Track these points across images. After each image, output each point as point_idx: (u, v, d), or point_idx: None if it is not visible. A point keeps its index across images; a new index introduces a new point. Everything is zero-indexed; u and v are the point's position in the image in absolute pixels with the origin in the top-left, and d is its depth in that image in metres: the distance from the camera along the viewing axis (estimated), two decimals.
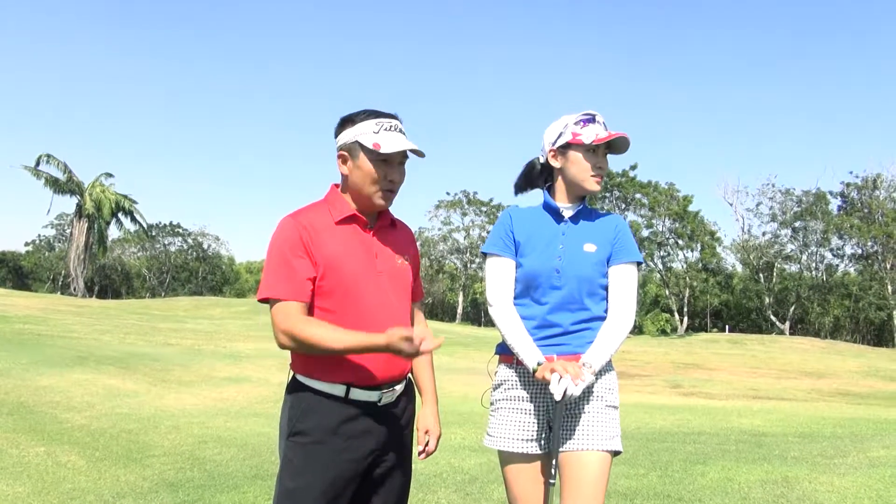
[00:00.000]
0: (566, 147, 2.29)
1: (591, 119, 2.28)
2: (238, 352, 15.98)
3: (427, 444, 2.24)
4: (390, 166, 2.04)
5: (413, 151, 2.04)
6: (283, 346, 1.96)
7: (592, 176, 2.28)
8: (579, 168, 2.28)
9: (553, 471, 2.06)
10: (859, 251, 50.10)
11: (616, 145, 2.31)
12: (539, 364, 2.12)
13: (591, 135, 2.25)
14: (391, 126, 2.03)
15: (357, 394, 1.99)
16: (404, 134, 2.07)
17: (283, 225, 2.02)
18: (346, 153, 2.06)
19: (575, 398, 2.08)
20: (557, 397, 2.03)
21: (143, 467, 5.40)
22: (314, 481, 1.93)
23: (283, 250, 1.98)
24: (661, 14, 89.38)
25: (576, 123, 2.29)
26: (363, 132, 2.02)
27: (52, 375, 9.85)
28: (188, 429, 7.09)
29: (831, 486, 4.86)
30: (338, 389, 1.98)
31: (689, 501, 4.59)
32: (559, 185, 2.34)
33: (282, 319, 1.94)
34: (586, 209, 2.36)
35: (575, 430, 2.18)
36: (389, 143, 2.00)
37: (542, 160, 2.40)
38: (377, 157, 2.02)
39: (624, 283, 2.27)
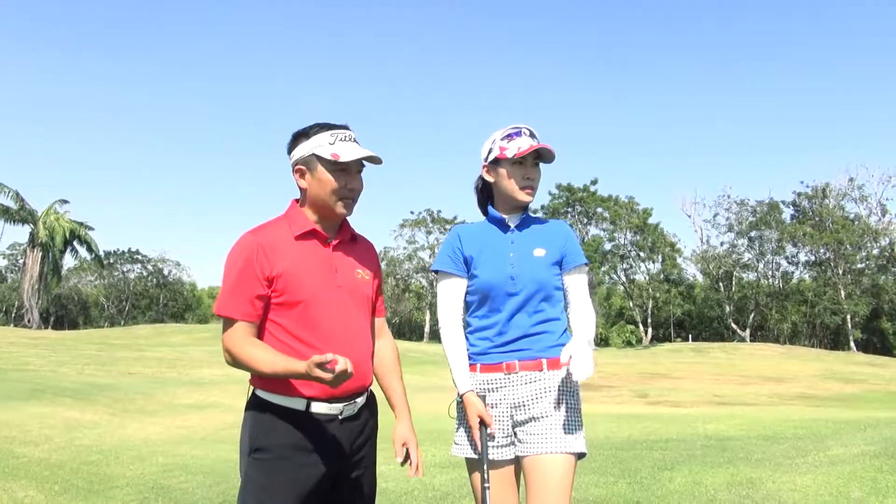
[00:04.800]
0: (496, 162, 2.38)
1: (518, 133, 2.36)
2: (202, 378, 15.66)
3: (409, 456, 2.22)
4: (349, 175, 2.08)
5: (370, 158, 2.08)
6: (226, 362, 2.02)
7: (522, 188, 2.35)
8: (509, 181, 2.36)
9: (486, 475, 2.20)
10: (813, 258, 51.76)
11: (544, 155, 2.37)
12: (463, 395, 2.27)
13: (514, 148, 2.32)
14: (345, 136, 2.08)
15: (318, 407, 1.99)
16: (358, 143, 2.11)
17: (241, 242, 2.04)
18: (303, 167, 2.08)
19: (581, 379, 2.18)
20: (579, 376, 2.14)
21: (105, 499, 5.24)
22: (277, 498, 1.91)
23: (236, 268, 2.01)
24: (616, 31, 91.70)
25: (503, 139, 2.37)
26: (319, 144, 2.05)
27: (7, 410, 9.50)
28: (152, 458, 6.91)
29: (794, 484, 4.99)
30: (298, 403, 1.98)
31: None
32: (497, 198, 2.43)
33: (226, 337, 2.00)
34: (530, 217, 2.46)
35: (537, 434, 2.22)
36: (347, 151, 2.04)
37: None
38: (336, 167, 2.05)
39: (581, 286, 2.40)
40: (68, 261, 51.21)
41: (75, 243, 46.75)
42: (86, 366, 17.19)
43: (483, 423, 2.22)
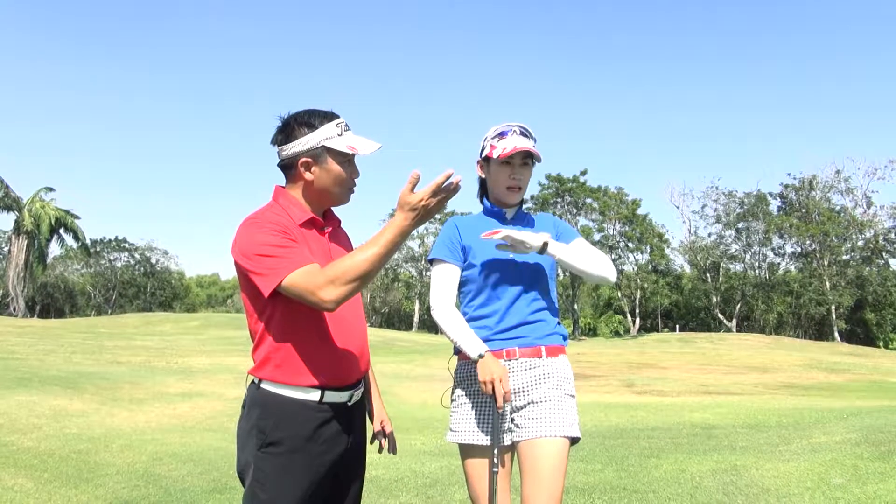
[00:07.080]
0: (487, 160, 2.42)
1: (508, 131, 2.38)
2: (190, 367, 15.62)
3: (384, 431, 2.27)
4: (352, 165, 2.07)
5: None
6: (334, 300, 1.80)
7: (508, 188, 2.39)
8: (496, 179, 2.41)
9: (496, 459, 2.19)
10: (799, 249, 52.21)
11: (533, 155, 2.37)
12: (481, 355, 2.21)
13: (501, 148, 2.36)
14: (346, 125, 2.04)
15: (330, 396, 1.96)
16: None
17: (257, 223, 1.91)
18: (310, 159, 1.99)
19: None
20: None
21: (95, 487, 5.25)
22: (291, 490, 1.89)
23: (271, 237, 1.87)
24: (607, 23, 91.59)
25: (494, 137, 2.40)
26: (329, 136, 1.98)
27: None
28: (141, 446, 6.91)
29: (777, 471, 5.08)
30: (312, 395, 1.94)
31: (644, 493, 4.73)
32: (490, 192, 2.48)
33: (312, 277, 1.80)
34: (523, 212, 2.52)
35: (534, 418, 2.27)
36: (363, 145, 2.02)
37: None
38: (345, 159, 2.02)
39: (586, 245, 2.44)
40: (54, 249, 50.79)
41: (61, 231, 46.30)
42: (73, 354, 17.09)
43: (497, 409, 2.22)
